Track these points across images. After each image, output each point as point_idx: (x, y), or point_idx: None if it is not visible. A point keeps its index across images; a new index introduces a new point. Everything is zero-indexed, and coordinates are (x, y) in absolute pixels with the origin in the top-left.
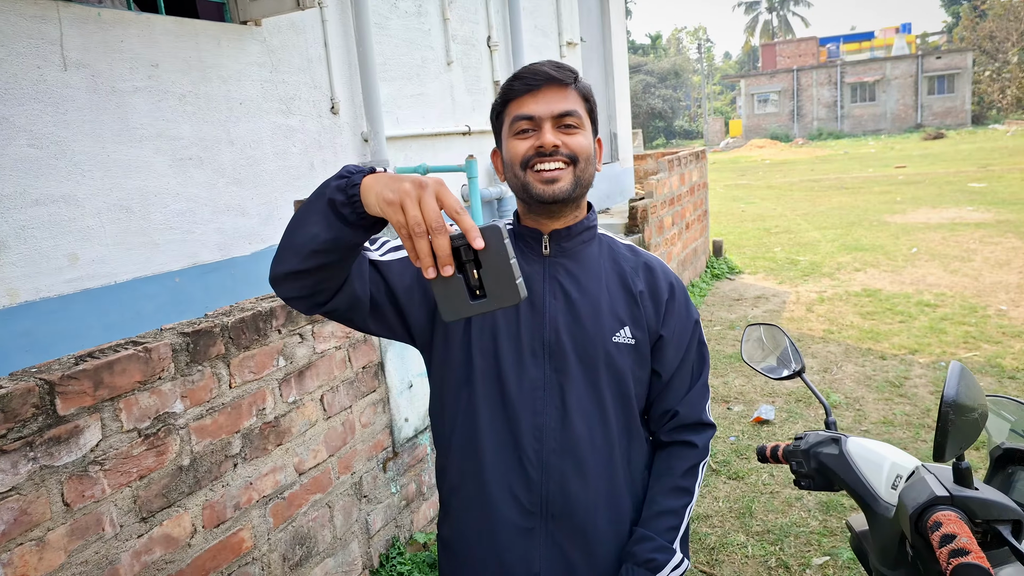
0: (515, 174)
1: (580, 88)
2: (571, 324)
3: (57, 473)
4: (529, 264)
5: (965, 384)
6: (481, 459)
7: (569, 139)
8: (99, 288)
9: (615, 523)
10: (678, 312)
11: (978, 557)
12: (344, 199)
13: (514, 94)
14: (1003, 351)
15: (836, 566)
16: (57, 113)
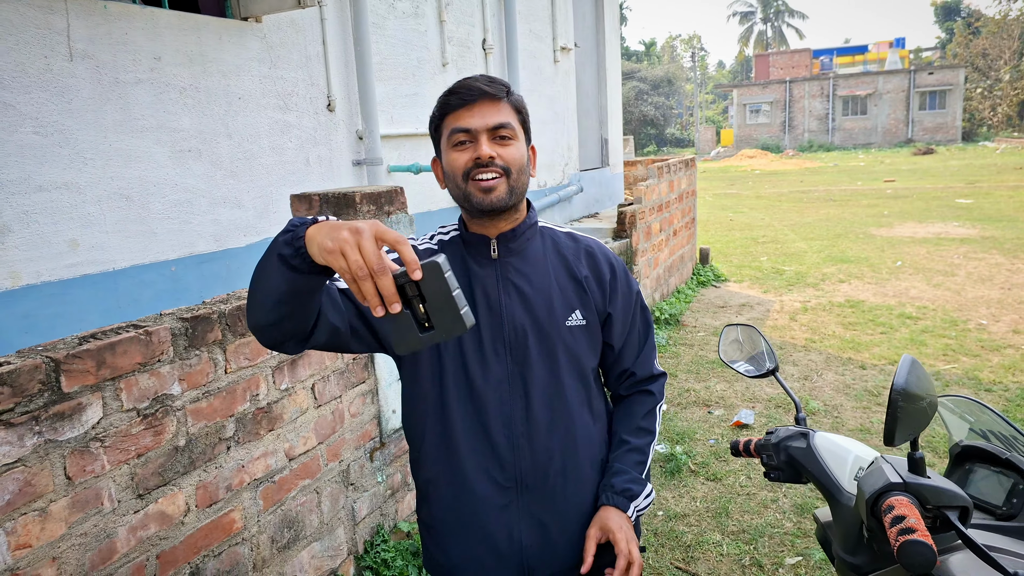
0: (456, 185)
1: (512, 101)
2: (527, 318)
3: (60, 447)
4: (481, 267)
5: (915, 375)
6: (456, 448)
7: (503, 150)
8: (98, 274)
9: (580, 490)
10: (621, 289)
11: (923, 535)
12: (292, 252)
13: (450, 108)
14: (981, 364)
15: (808, 566)
16: (62, 102)
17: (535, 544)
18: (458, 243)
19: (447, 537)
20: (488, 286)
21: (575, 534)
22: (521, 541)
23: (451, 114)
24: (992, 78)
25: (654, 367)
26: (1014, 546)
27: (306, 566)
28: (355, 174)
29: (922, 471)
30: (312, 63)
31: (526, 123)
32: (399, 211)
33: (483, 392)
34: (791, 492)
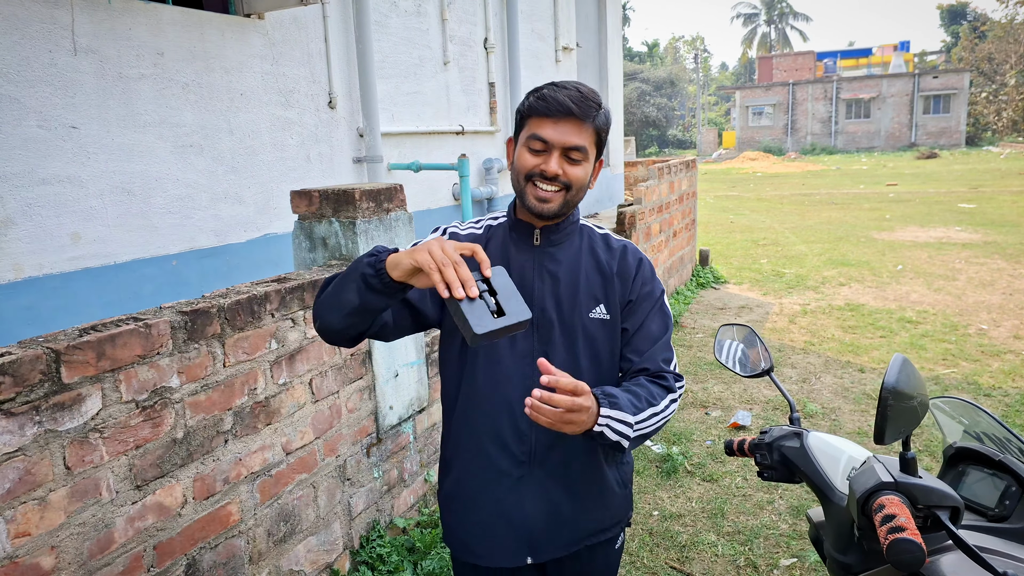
0: (519, 180)
1: (597, 123)
2: (555, 303)
3: (60, 437)
4: (522, 253)
5: (906, 374)
6: (479, 417)
7: (571, 169)
8: (99, 267)
9: (590, 468)
10: (643, 281)
11: (912, 534)
12: (373, 272)
13: (536, 112)
14: (981, 369)
15: (803, 568)
16: (66, 96)
17: (542, 521)
18: (505, 228)
19: (464, 505)
20: (525, 269)
21: (582, 519)
22: (530, 516)
23: (536, 117)
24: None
25: (670, 366)
26: (1005, 547)
27: (302, 560)
28: (355, 171)
29: (914, 471)
30: (314, 60)
31: (602, 142)
32: (398, 208)
33: (508, 365)
34: (787, 494)
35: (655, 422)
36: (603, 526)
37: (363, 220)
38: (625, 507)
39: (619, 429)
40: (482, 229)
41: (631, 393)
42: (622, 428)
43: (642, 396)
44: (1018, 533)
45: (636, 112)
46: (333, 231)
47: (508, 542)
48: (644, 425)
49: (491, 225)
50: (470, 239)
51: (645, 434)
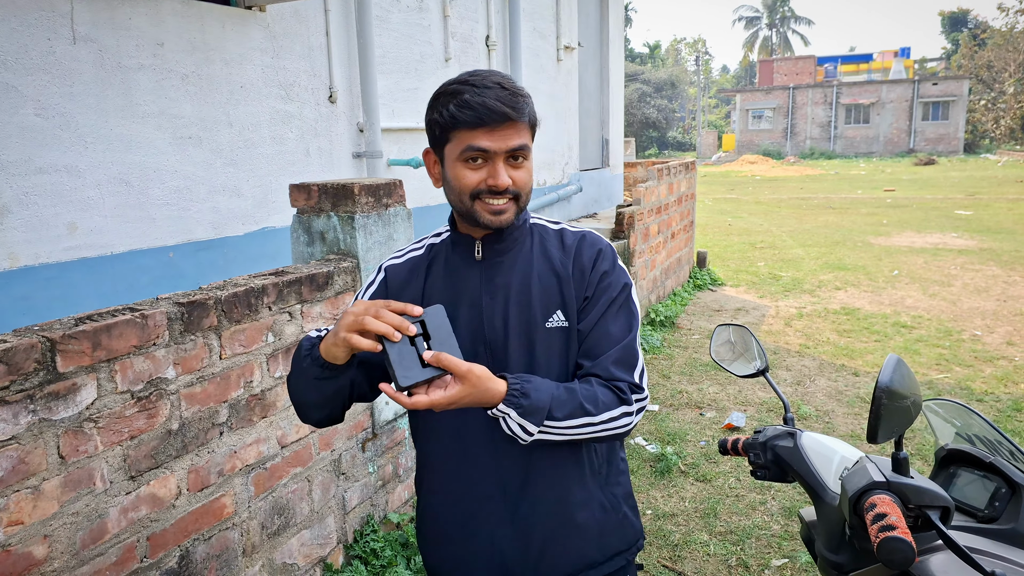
0: (461, 200)
1: (531, 116)
2: (507, 318)
3: (54, 427)
4: (467, 268)
5: (899, 374)
6: (442, 453)
7: (517, 174)
8: (96, 257)
9: (562, 493)
10: (601, 273)
11: (903, 532)
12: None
13: (464, 124)
14: (974, 375)
15: (794, 568)
16: (64, 85)
17: (517, 558)
18: (448, 244)
19: (436, 538)
20: (471, 286)
21: (560, 553)
22: (503, 552)
23: (465, 129)
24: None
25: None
26: (994, 548)
27: (295, 553)
28: (355, 166)
29: (905, 471)
30: (315, 54)
31: (535, 131)
32: (397, 204)
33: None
34: (779, 495)
35: (584, 432)
36: (594, 559)
37: (362, 215)
38: (621, 533)
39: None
40: (423, 249)
41: (567, 392)
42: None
43: (578, 401)
44: (1007, 534)
45: (636, 113)
46: (332, 225)
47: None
48: (561, 432)
49: (433, 244)
50: (410, 264)
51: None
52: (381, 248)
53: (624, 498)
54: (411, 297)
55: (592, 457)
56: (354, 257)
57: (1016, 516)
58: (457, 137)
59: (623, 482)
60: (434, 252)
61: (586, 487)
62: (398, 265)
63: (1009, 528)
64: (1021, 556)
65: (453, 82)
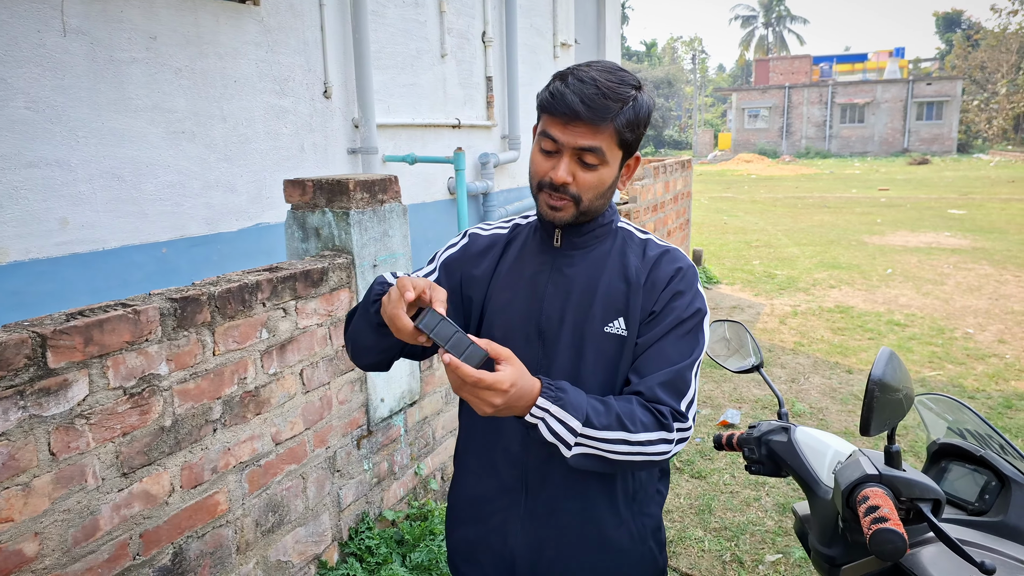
0: (532, 185)
1: (619, 124)
2: (565, 311)
3: (45, 423)
4: (540, 254)
5: (892, 367)
6: (474, 434)
7: (584, 175)
8: (88, 253)
9: (585, 506)
10: (675, 292)
11: (895, 524)
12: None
13: (547, 110)
14: (966, 372)
15: (788, 563)
16: (55, 78)
17: (526, 558)
18: (532, 227)
19: (452, 520)
20: (540, 271)
21: (572, 567)
22: (512, 549)
23: (548, 115)
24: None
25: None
26: (985, 540)
27: (290, 550)
28: (350, 162)
29: (898, 464)
30: (310, 48)
31: (631, 143)
32: (392, 200)
33: None
34: (773, 491)
35: (621, 451)
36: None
37: (357, 211)
38: (642, 568)
39: (557, 431)
40: (509, 228)
41: (603, 404)
42: (562, 431)
43: (615, 413)
44: (996, 526)
45: None
46: (326, 221)
47: (490, 571)
48: (600, 445)
49: (519, 224)
50: (491, 238)
51: (597, 455)
52: (376, 244)
53: (653, 531)
54: (484, 269)
55: (628, 481)
56: (349, 253)
57: (1005, 508)
58: (543, 120)
59: (654, 514)
60: (517, 232)
61: (616, 510)
62: (482, 235)
63: (998, 520)
64: (1009, 547)
65: (572, 66)
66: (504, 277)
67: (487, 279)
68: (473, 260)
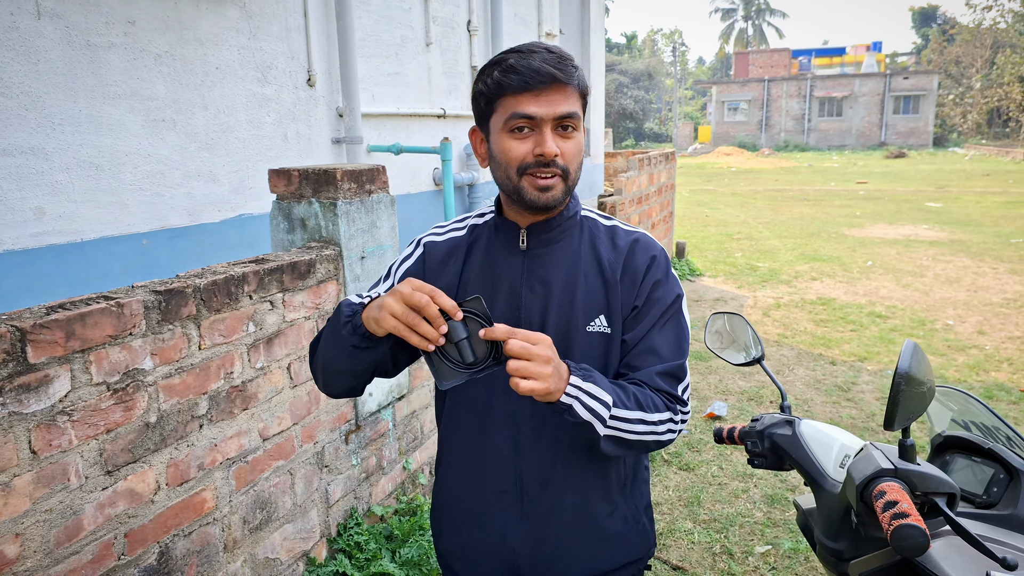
0: (508, 176)
1: (580, 83)
2: (547, 315)
3: (25, 420)
4: (508, 257)
5: (917, 360)
6: (462, 438)
7: (566, 145)
8: (65, 244)
9: (583, 500)
10: (654, 282)
11: (916, 519)
12: (359, 339)
13: (510, 89)
14: (947, 363)
15: (777, 555)
16: (29, 63)
17: (527, 556)
18: (491, 228)
19: (445, 526)
20: (513, 277)
21: (575, 558)
22: (513, 549)
23: (511, 95)
24: (964, 85)
25: (676, 388)
26: (994, 533)
27: (278, 548)
28: (334, 152)
29: (912, 458)
30: (292, 35)
31: (585, 109)
32: (380, 191)
33: (492, 385)
34: (761, 483)
35: (641, 431)
36: (605, 568)
37: (344, 201)
38: (638, 544)
39: (593, 407)
40: (465, 230)
41: (619, 386)
42: (597, 407)
43: (632, 394)
44: (1006, 519)
45: (613, 104)
46: (313, 212)
47: (490, 572)
48: (625, 425)
49: (476, 224)
50: (450, 244)
51: (626, 437)
52: (364, 236)
53: (644, 509)
54: (448, 279)
55: (620, 467)
56: (336, 245)
57: (1015, 501)
58: (503, 105)
59: (644, 492)
60: (476, 234)
61: (610, 498)
62: (438, 243)
63: (1008, 513)
64: (1020, 540)
65: (499, 54)
66: (473, 285)
67: (453, 289)
68: (434, 272)
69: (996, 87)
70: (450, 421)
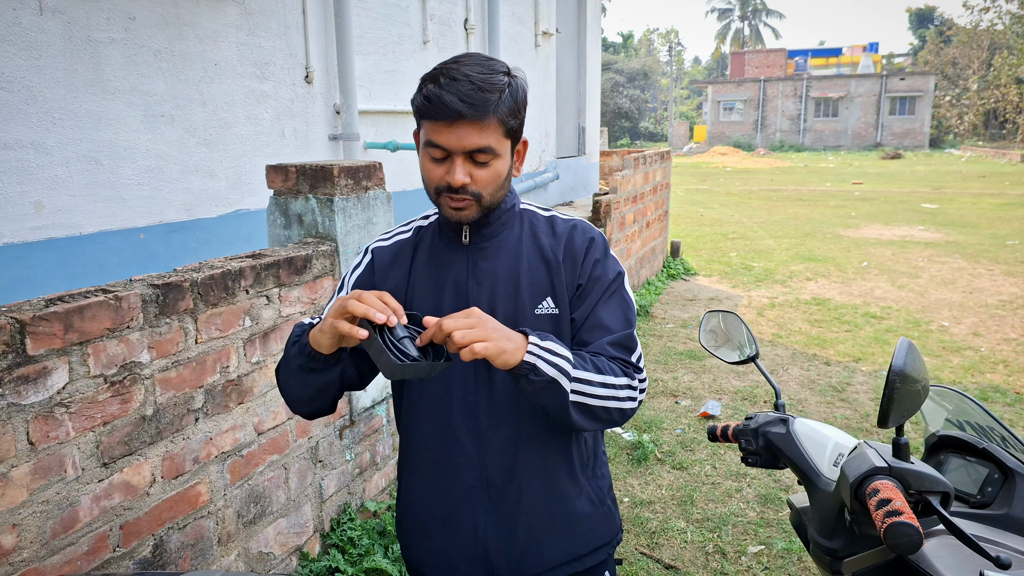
0: (428, 191)
1: (501, 114)
2: (494, 303)
3: (23, 412)
4: (453, 252)
5: (912, 358)
6: (423, 441)
7: (479, 173)
8: (64, 238)
9: (549, 485)
10: (593, 261)
11: (909, 517)
12: (307, 359)
13: (427, 116)
14: (942, 364)
15: (770, 555)
16: (30, 58)
17: (501, 551)
18: (435, 227)
19: (413, 534)
20: (458, 271)
21: (546, 547)
22: (486, 545)
23: (428, 121)
24: (960, 87)
25: (630, 356)
26: (987, 533)
27: (272, 542)
28: (331, 149)
29: (906, 457)
30: (291, 32)
31: (516, 130)
32: (377, 187)
33: (448, 381)
34: (755, 482)
35: (604, 395)
36: (577, 552)
37: (341, 197)
38: (605, 527)
39: (555, 363)
40: (411, 232)
41: (575, 353)
42: (560, 362)
43: (588, 359)
44: (999, 519)
45: (609, 103)
46: (310, 208)
47: (466, 572)
48: (588, 388)
49: (421, 226)
50: (397, 246)
51: (590, 403)
52: (360, 232)
53: (607, 491)
54: (396, 280)
55: (582, 448)
56: (333, 241)
57: (1009, 501)
58: (423, 127)
59: (606, 474)
60: (421, 235)
61: (576, 480)
62: (385, 247)
63: (1002, 513)
64: (1013, 540)
65: (438, 66)
66: (420, 283)
67: (403, 289)
68: (382, 275)
69: (992, 88)
70: (412, 419)
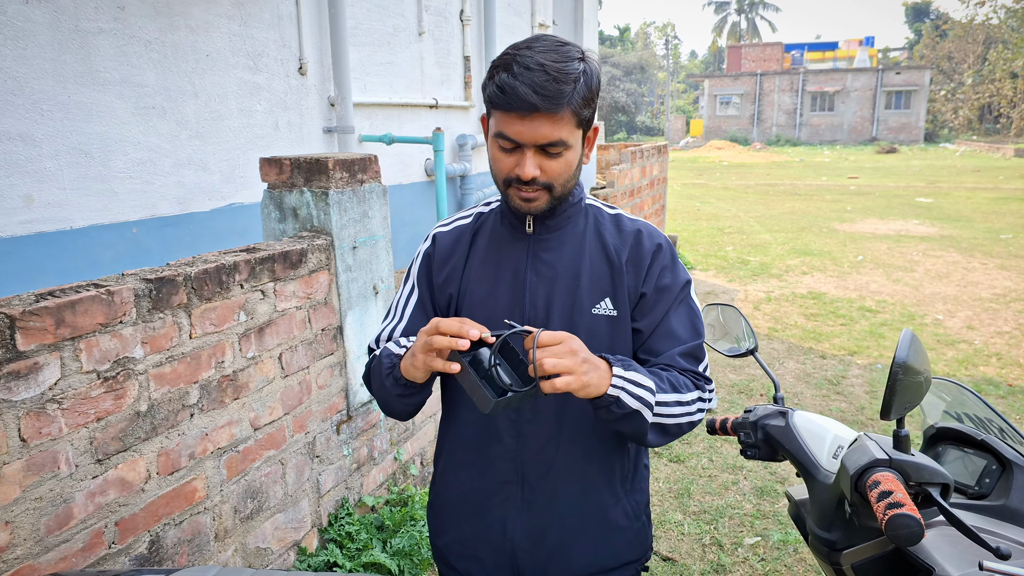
0: (497, 182)
1: (575, 104)
2: (551, 298)
3: (15, 408)
4: (513, 242)
5: (915, 350)
6: (463, 428)
7: (550, 164)
8: (54, 232)
9: (585, 490)
10: (661, 269)
11: (911, 509)
12: (402, 389)
13: (498, 107)
14: (936, 358)
15: (767, 546)
16: (17, 48)
17: (527, 548)
18: (497, 215)
19: (443, 521)
20: (517, 261)
21: (576, 551)
22: (513, 540)
23: (500, 112)
24: (956, 81)
25: (698, 367)
26: (988, 524)
27: (269, 537)
28: (326, 141)
29: (906, 449)
30: (284, 23)
31: (588, 120)
32: (372, 180)
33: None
34: (751, 475)
35: (678, 413)
36: (605, 565)
37: (336, 191)
38: (637, 543)
39: (639, 395)
40: (471, 218)
41: (652, 373)
42: (643, 394)
43: (664, 378)
44: (997, 510)
45: (605, 97)
46: (304, 201)
47: (490, 566)
48: (666, 410)
49: (482, 212)
50: (456, 232)
51: (666, 423)
52: (356, 225)
53: (644, 507)
54: (453, 265)
55: (624, 458)
56: (328, 234)
57: (1007, 492)
58: (495, 117)
59: (645, 489)
60: (481, 221)
61: (614, 490)
62: (445, 232)
63: (1000, 504)
64: (1011, 531)
65: (511, 50)
66: (478, 269)
67: (459, 274)
68: (442, 261)
69: (988, 83)
70: (456, 407)
